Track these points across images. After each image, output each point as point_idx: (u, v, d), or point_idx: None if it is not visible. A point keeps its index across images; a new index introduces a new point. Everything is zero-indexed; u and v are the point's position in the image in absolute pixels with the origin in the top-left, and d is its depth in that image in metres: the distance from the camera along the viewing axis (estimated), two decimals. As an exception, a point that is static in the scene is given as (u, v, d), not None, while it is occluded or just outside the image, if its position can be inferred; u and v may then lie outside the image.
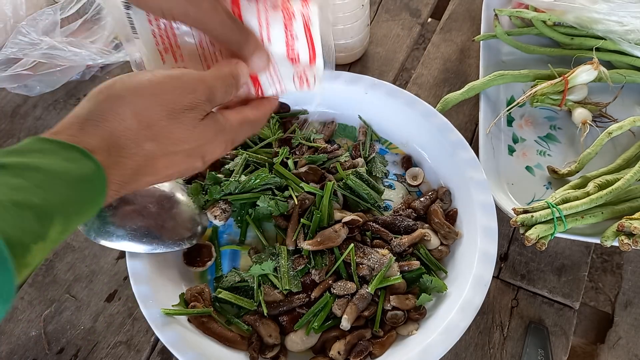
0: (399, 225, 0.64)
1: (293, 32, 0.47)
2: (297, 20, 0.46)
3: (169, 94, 0.39)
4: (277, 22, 0.46)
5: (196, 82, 0.40)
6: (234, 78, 0.43)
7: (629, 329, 0.64)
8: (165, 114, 0.38)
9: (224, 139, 0.43)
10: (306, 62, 0.48)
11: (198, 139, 0.41)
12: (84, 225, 0.58)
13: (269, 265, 0.61)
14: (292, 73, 0.48)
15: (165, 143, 0.39)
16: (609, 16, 0.74)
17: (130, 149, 0.37)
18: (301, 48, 0.47)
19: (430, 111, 0.70)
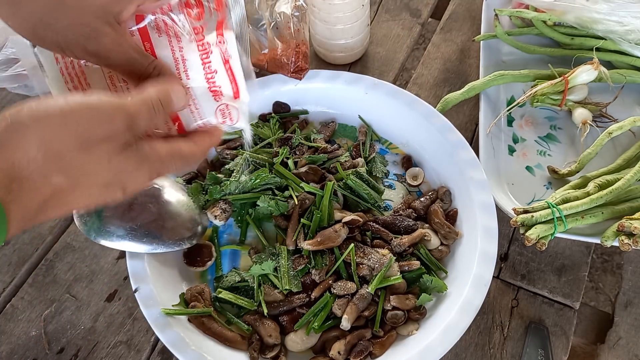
0: (399, 225, 0.64)
1: (211, 66, 0.44)
2: (214, 53, 0.44)
3: (82, 124, 0.35)
4: (193, 55, 0.44)
5: (114, 110, 0.36)
6: (161, 102, 0.39)
7: (629, 329, 0.64)
8: (77, 145, 0.35)
9: (147, 169, 0.39)
10: (230, 95, 0.46)
11: (115, 171, 0.37)
12: (84, 225, 0.58)
13: (269, 265, 0.61)
14: (214, 107, 0.45)
15: (76, 176, 0.35)
16: (609, 16, 0.74)
17: (35, 183, 0.33)
18: (222, 82, 0.45)
19: (431, 111, 0.70)
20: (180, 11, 0.43)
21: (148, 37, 0.44)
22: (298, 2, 0.72)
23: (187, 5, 0.43)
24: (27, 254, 0.71)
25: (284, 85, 0.75)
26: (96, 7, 0.39)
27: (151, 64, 0.42)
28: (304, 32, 0.75)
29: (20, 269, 0.70)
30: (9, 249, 0.72)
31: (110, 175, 0.37)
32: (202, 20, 0.44)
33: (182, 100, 0.42)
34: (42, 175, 0.34)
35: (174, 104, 0.41)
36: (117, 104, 0.37)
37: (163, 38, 0.44)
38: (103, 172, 0.36)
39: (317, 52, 0.86)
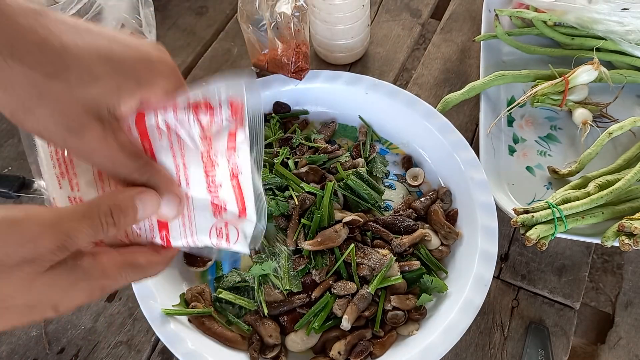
0: (400, 226, 0.64)
1: (215, 180, 0.39)
2: (221, 166, 0.39)
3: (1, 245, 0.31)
4: (195, 164, 0.39)
5: (41, 229, 0.32)
6: (113, 216, 0.35)
7: (629, 329, 0.64)
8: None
9: (87, 286, 0.35)
10: (234, 214, 0.40)
11: (39, 293, 0.33)
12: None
13: (270, 265, 0.61)
14: (210, 224, 0.40)
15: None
16: (609, 16, 0.74)
17: None
18: (228, 198, 0.40)
19: (431, 111, 0.70)
20: (187, 113, 0.38)
21: (147, 135, 0.38)
22: (298, 3, 0.72)
23: (194, 107, 0.38)
24: (27, 254, 0.71)
25: (285, 86, 0.75)
26: (87, 99, 0.34)
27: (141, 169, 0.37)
28: (305, 32, 0.75)
29: (20, 269, 0.70)
30: (9, 249, 0.72)
31: (34, 297, 0.33)
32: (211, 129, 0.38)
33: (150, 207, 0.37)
34: None
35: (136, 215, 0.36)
36: (48, 222, 0.33)
37: (164, 140, 0.38)
38: (23, 294, 0.32)
39: (318, 52, 0.86)
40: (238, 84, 0.38)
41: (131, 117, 0.37)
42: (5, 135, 0.81)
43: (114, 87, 0.35)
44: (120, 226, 0.36)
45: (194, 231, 0.40)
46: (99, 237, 0.35)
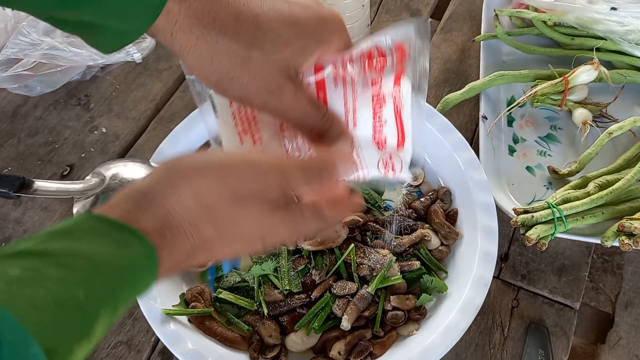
0: (400, 226, 0.64)
1: (382, 117, 0.43)
2: (388, 104, 0.42)
3: (237, 180, 0.36)
4: (365, 106, 0.43)
5: (271, 171, 0.37)
6: (319, 170, 0.39)
7: (629, 329, 0.64)
8: (230, 199, 0.35)
9: (291, 226, 0.39)
10: (393, 146, 0.44)
11: (261, 228, 0.38)
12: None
13: (270, 265, 0.61)
14: (376, 159, 0.44)
15: (224, 229, 0.36)
16: (609, 16, 0.74)
17: (185, 231, 0.34)
18: (389, 132, 0.43)
19: (431, 111, 0.70)
20: (360, 62, 0.41)
21: (324, 86, 0.42)
22: (298, 3, 0.72)
23: (368, 57, 0.41)
24: (27, 254, 0.71)
25: (284, 86, 0.75)
26: (281, 61, 0.38)
27: (324, 117, 0.41)
28: (304, 32, 0.75)
29: (20, 269, 0.70)
30: (9, 249, 0.72)
31: (255, 230, 0.37)
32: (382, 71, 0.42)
33: (347, 167, 0.42)
34: (192, 225, 0.34)
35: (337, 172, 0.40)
36: (274, 164, 0.37)
37: (339, 89, 0.42)
38: (250, 227, 0.37)
39: (317, 52, 0.86)
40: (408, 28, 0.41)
41: (309, 71, 0.41)
42: (5, 135, 0.81)
43: (301, 48, 0.38)
44: (323, 182, 0.39)
45: (364, 165, 0.44)
46: (306, 186, 0.39)
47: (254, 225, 0.37)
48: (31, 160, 0.79)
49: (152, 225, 0.33)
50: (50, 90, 0.83)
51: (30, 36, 0.78)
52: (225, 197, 0.35)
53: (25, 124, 0.83)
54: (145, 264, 0.32)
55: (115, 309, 0.31)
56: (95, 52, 0.79)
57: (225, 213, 0.36)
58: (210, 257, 0.38)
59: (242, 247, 0.39)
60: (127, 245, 0.32)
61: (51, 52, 0.77)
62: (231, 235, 0.37)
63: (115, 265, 0.31)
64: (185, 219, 0.34)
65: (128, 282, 0.32)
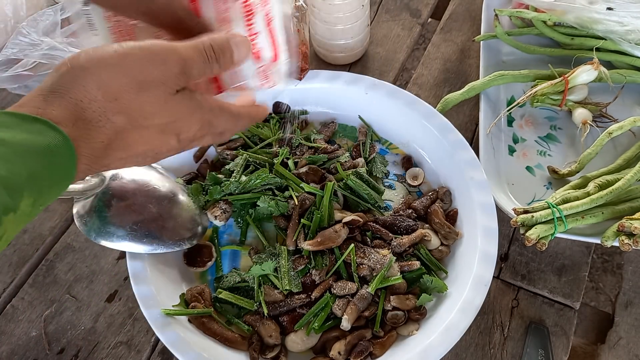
0: (399, 226, 0.64)
1: (254, 28, 0.44)
2: (258, 15, 0.44)
3: (137, 65, 0.37)
4: (236, 17, 0.44)
5: (168, 52, 0.38)
6: (214, 51, 0.40)
7: (629, 329, 0.64)
8: (134, 86, 0.37)
9: (200, 117, 0.41)
10: (269, 58, 0.45)
11: (170, 114, 0.39)
12: (85, 226, 0.58)
13: (270, 265, 0.61)
14: (254, 69, 0.45)
15: (135, 116, 0.37)
16: (609, 16, 0.74)
17: (97, 122, 0.36)
18: (264, 44, 0.45)
19: (431, 111, 0.70)
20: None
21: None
22: (298, 3, 0.72)
23: None
24: (27, 255, 0.71)
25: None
26: None
27: (198, 24, 0.43)
28: (304, 32, 0.75)
29: (20, 269, 0.70)
30: (9, 250, 0.72)
31: (165, 119, 0.39)
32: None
33: (244, 50, 0.42)
34: (103, 115, 0.36)
35: (235, 55, 0.41)
36: (172, 47, 0.38)
37: None
38: (159, 113, 0.38)
39: (317, 52, 0.86)
40: None
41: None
42: (5, 135, 0.81)
43: None
44: (221, 63, 0.40)
45: (242, 77, 0.46)
46: (207, 70, 0.40)
47: (163, 110, 0.38)
48: (31, 161, 0.79)
49: (63, 116, 0.34)
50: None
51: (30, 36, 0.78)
52: (128, 85, 0.36)
53: (25, 124, 0.83)
54: (61, 151, 0.34)
55: (40, 192, 0.33)
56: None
57: (132, 100, 0.37)
58: (130, 152, 0.38)
59: (156, 139, 0.39)
60: (41, 133, 0.33)
61: (51, 53, 0.77)
62: (142, 122, 0.38)
63: (31, 150, 0.32)
64: (94, 109, 0.35)
65: (48, 165, 0.33)
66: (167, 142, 0.40)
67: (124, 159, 0.39)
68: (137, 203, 0.60)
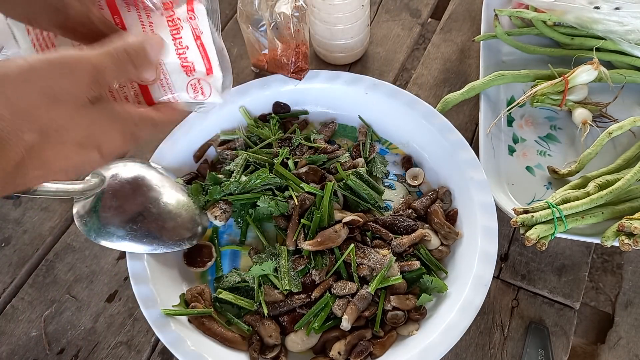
0: (399, 226, 0.64)
1: (182, 42, 0.44)
2: (185, 29, 0.44)
3: (44, 79, 0.35)
4: (163, 31, 0.44)
5: (77, 61, 0.36)
6: (127, 53, 0.39)
7: (629, 329, 0.64)
8: (43, 100, 0.34)
9: (120, 128, 0.39)
10: (202, 71, 0.45)
11: (86, 126, 0.37)
12: (85, 226, 0.58)
13: (269, 265, 0.61)
14: (185, 82, 0.46)
15: (47, 131, 0.35)
16: (609, 16, 0.74)
17: (7, 141, 0.33)
18: (194, 58, 0.45)
19: (431, 111, 0.70)
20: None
21: (117, 10, 0.44)
22: (298, 3, 0.72)
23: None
24: (27, 255, 0.71)
25: (284, 86, 0.75)
26: None
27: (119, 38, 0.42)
28: (304, 32, 0.75)
29: (20, 269, 0.70)
30: (9, 250, 0.72)
31: (82, 132, 0.37)
32: None
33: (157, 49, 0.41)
34: (12, 134, 0.33)
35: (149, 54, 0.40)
36: (79, 56, 0.36)
37: (132, 12, 0.44)
38: (74, 127, 0.36)
39: (317, 52, 0.86)
40: None
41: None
42: (5, 135, 0.81)
43: None
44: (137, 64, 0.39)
45: (173, 90, 0.46)
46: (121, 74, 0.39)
47: (77, 124, 0.36)
48: (31, 161, 0.79)
49: None
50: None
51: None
52: (37, 99, 0.34)
53: (25, 124, 0.83)
54: None
55: None
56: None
57: (42, 115, 0.35)
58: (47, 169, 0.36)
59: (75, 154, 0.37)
60: None
61: (51, 53, 0.77)
62: (56, 138, 0.36)
63: None
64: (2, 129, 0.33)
65: None
66: (88, 157, 0.38)
67: (43, 177, 0.37)
68: (137, 203, 0.60)
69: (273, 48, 0.76)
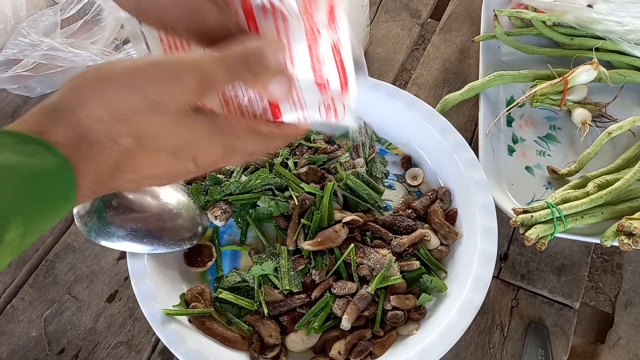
0: (399, 226, 0.64)
1: (319, 55, 0.39)
2: (323, 40, 0.39)
3: (149, 83, 0.34)
4: (300, 41, 0.39)
5: (183, 67, 0.34)
6: (244, 58, 0.36)
7: (629, 329, 0.64)
8: (143, 107, 0.33)
9: (220, 141, 0.37)
10: (337, 89, 0.41)
11: (184, 136, 0.35)
12: (85, 226, 0.58)
13: (270, 265, 0.61)
14: (318, 101, 0.41)
15: (144, 138, 0.34)
16: (608, 16, 0.74)
17: (102, 144, 0.33)
18: (330, 73, 0.40)
19: (430, 112, 0.71)
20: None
21: (253, 16, 0.39)
22: (298, 3, 0.72)
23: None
24: (27, 255, 0.71)
25: (284, 86, 0.75)
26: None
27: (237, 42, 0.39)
28: (304, 32, 0.75)
29: (20, 269, 0.70)
30: (9, 250, 0.72)
31: (179, 140, 0.35)
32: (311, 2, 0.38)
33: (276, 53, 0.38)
34: (108, 137, 0.33)
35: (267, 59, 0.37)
36: (187, 61, 0.35)
37: (269, 19, 0.39)
38: (171, 135, 0.35)
39: (317, 52, 0.86)
40: None
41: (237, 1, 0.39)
42: (5, 136, 0.81)
43: None
44: (254, 70, 0.37)
45: (304, 107, 0.41)
46: (235, 78, 0.36)
47: (175, 133, 0.35)
48: (31, 161, 0.79)
49: (64, 137, 0.32)
50: (50, 91, 0.84)
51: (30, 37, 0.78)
52: (137, 105, 0.33)
53: (25, 124, 0.83)
54: (57, 174, 0.31)
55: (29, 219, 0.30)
56: (95, 52, 0.79)
57: (140, 120, 0.33)
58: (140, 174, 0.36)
59: (169, 162, 0.36)
60: (35, 155, 0.30)
61: (51, 53, 0.78)
62: (152, 144, 0.34)
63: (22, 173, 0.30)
64: (99, 130, 0.33)
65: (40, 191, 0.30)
66: (183, 166, 0.37)
67: (135, 181, 0.36)
68: (137, 203, 0.60)
69: (273, 48, 0.76)
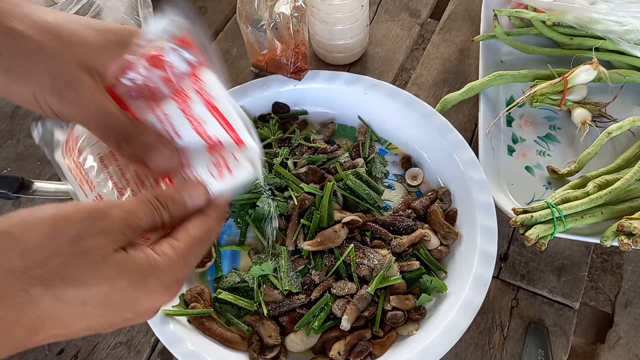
0: (399, 226, 0.64)
1: (195, 116, 0.38)
2: (194, 100, 0.38)
3: (75, 226, 0.31)
4: (173, 109, 0.38)
5: (110, 207, 0.33)
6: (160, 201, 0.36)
7: (629, 329, 0.64)
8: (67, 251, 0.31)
9: (160, 283, 0.33)
10: (232, 145, 0.39)
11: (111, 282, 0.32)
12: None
13: (269, 265, 0.61)
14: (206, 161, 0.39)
15: (61, 287, 0.30)
16: (608, 16, 0.74)
17: (15, 298, 0.29)
18: (217, 131, 0.39)
19: (430, 111, 0.70)
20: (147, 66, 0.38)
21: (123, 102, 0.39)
22: (297, 3, 0.72)
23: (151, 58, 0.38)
24: (26, 255, 0.71)
25: (284, 86, 0.75)
26: (79, 57, 0.36)
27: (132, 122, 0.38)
28: (304, 32, 0.75)
29: (20, 270, 0.70)
30: (8, 250, 0.72)
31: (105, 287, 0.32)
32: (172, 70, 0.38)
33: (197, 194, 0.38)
34: (21, 289, 0.29)
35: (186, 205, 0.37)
36: (115, 202, 0.35)
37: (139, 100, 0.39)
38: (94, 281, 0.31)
39: (317, 52, 0.86)
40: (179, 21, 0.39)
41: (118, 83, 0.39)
42: (5, 136, 0.81)
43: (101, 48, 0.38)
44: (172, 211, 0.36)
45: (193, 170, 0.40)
46: (155, 219, 0.35)
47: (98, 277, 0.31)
48: (30, 161, 0.79)
49: None
50: (50, 91, 0.83)
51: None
52: (63, 249, 0.31)
53: (24, 124, 0.83)
54: None
55: None
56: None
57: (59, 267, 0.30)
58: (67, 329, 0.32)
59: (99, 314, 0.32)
60: None
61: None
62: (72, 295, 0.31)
63: None
64: (10, 283, 0.29)
65: None
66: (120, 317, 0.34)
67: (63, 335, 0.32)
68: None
69: (272, 48, 0.76)
